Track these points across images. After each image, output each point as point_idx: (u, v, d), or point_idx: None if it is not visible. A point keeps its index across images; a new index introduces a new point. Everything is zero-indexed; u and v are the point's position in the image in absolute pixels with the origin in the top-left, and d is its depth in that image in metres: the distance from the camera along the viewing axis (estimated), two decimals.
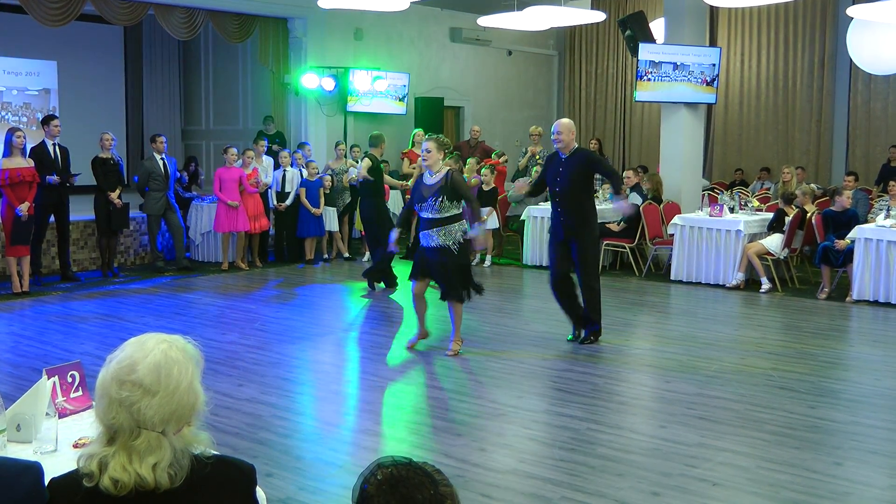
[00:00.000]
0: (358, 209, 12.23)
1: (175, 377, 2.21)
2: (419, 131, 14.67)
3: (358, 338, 8.97)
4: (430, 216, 7.73)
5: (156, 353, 2.22)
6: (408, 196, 9.74)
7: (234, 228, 12.63)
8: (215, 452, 2.38)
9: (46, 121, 11.41)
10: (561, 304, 8.49)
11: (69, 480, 2.26)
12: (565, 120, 8.43)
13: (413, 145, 14.72)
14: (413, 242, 12.00)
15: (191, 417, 2.26)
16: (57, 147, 11.24)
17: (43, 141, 11.20)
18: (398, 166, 15.38)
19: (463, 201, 7.83)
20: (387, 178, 12.44)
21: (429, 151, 7.77)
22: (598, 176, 15.14)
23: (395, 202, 13.94)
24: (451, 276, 7.78)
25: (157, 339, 2.27)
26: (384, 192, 11.60)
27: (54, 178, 10.89)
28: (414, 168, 13.84)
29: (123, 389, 2.17)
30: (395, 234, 8.23)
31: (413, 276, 8.08)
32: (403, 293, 10.56)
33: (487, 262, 13.18)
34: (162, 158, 12.36)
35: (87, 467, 2.20)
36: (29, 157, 10.86)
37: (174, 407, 2.20)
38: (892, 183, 12.09)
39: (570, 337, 8.50)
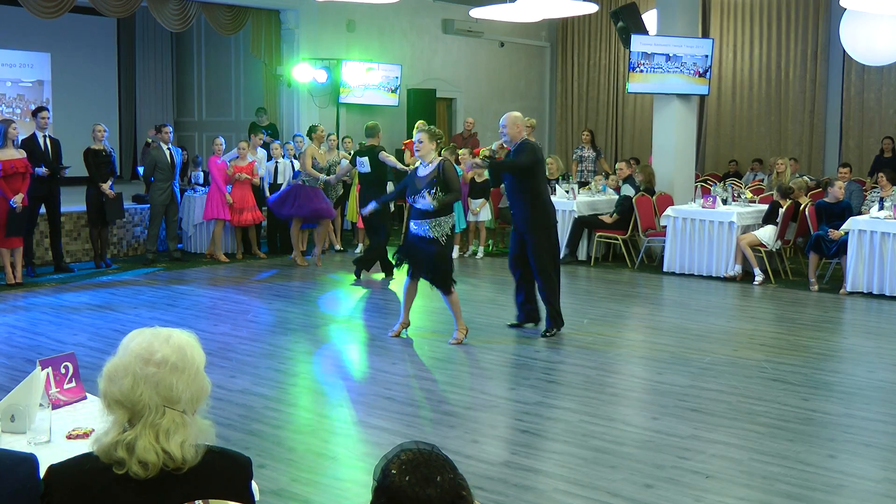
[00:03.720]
0: (358, 199, 12.13)
1: (196, 359, 2.30)
2: (422, 122, 14.70)
3: (350, 329, 8.97)
4: (424, 207, 7.78)
5: (174, 336, 2.30)
6: None
7: (220, 216, 12.55)
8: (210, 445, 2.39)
9: (36, 112, 11.42)
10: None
11: (71, 468, 2.25)
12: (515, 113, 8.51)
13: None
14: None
15: (202, 401, 2.30)
16: (47, 139, 11.23)
17: (34, 133, 11.20)
18: (399, 158, 15.29)
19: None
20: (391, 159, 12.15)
21: (421, 142, 7.91)
22: (590, 168, 15.31)
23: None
24: (436, 266, 7.84)
25: (166, 328, 2.34)
26: (385, 182, 11.65)
27: (43, 170, 10.85)
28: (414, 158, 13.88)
29: (149, 366, 2.22)
30: (372, 205, 8.77)
31: (408, 272, 8.13)
32: (398, 283, 10.57)
33: (480, 254, 13.18)
34: (168, 149, 12.33)
35: (116, 455, 2.19)
36: (19, 148, 10.85)
37: (198, 386, 2.28)
38: (880, 174, 12.11)
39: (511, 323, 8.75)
